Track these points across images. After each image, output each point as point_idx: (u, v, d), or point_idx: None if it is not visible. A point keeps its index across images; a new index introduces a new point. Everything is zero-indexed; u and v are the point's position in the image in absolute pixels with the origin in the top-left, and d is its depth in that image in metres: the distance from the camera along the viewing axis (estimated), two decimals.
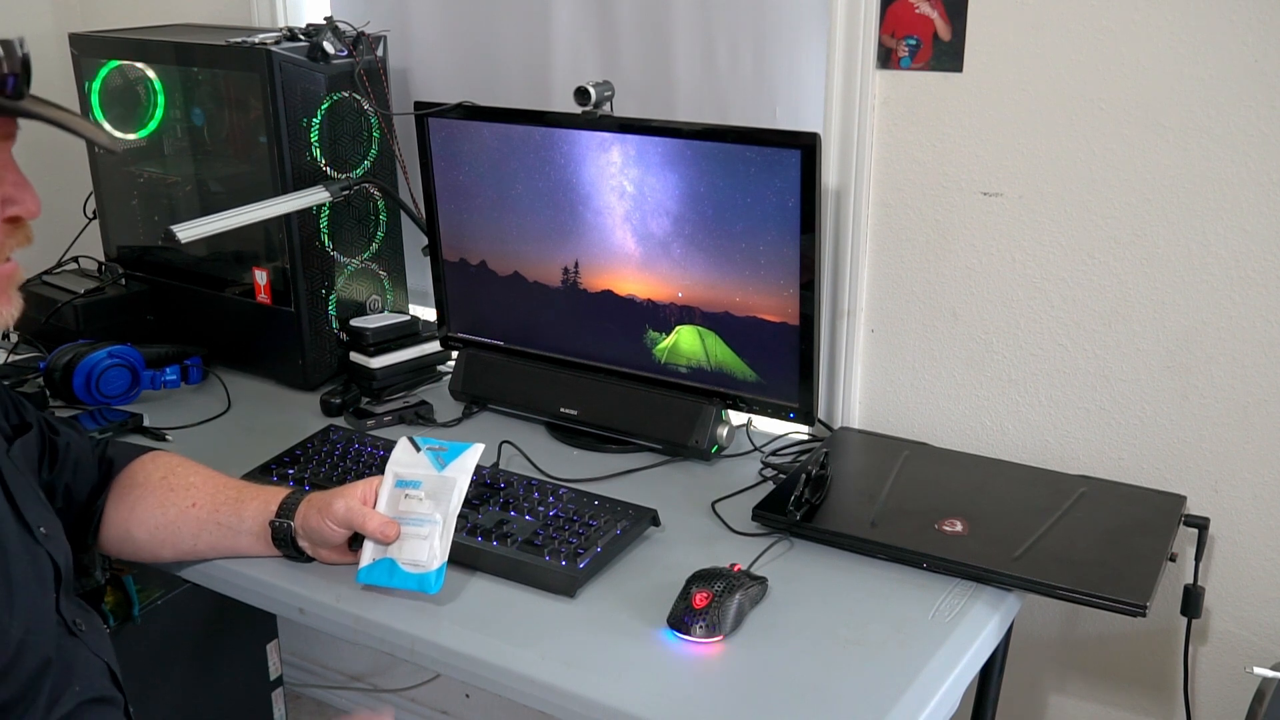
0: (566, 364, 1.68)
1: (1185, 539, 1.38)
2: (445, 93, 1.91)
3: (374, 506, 1.21)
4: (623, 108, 1.60)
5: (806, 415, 1.52)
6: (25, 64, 0.98)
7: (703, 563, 1.24)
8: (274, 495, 1.27)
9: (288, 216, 1.73)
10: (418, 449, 1.23)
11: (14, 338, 1.98)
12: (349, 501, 1.20)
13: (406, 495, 1.21)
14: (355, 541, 1.24)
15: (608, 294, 1.62)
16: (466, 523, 1.32)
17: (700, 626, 1.15)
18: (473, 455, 1.22)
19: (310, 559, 1.27)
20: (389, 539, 1.19)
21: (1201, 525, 1.37)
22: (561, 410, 1.66)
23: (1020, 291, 1.51)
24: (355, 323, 1.83)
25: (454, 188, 1.70)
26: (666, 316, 1.59)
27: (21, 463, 1.15)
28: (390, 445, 1.41)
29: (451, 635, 1.18)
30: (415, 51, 1.96)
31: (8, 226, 1.04)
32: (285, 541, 1.25)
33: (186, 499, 1.27)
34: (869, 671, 1.11)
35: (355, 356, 1.81)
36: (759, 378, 1.54)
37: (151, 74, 1.91)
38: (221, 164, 1.90)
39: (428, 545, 1.17)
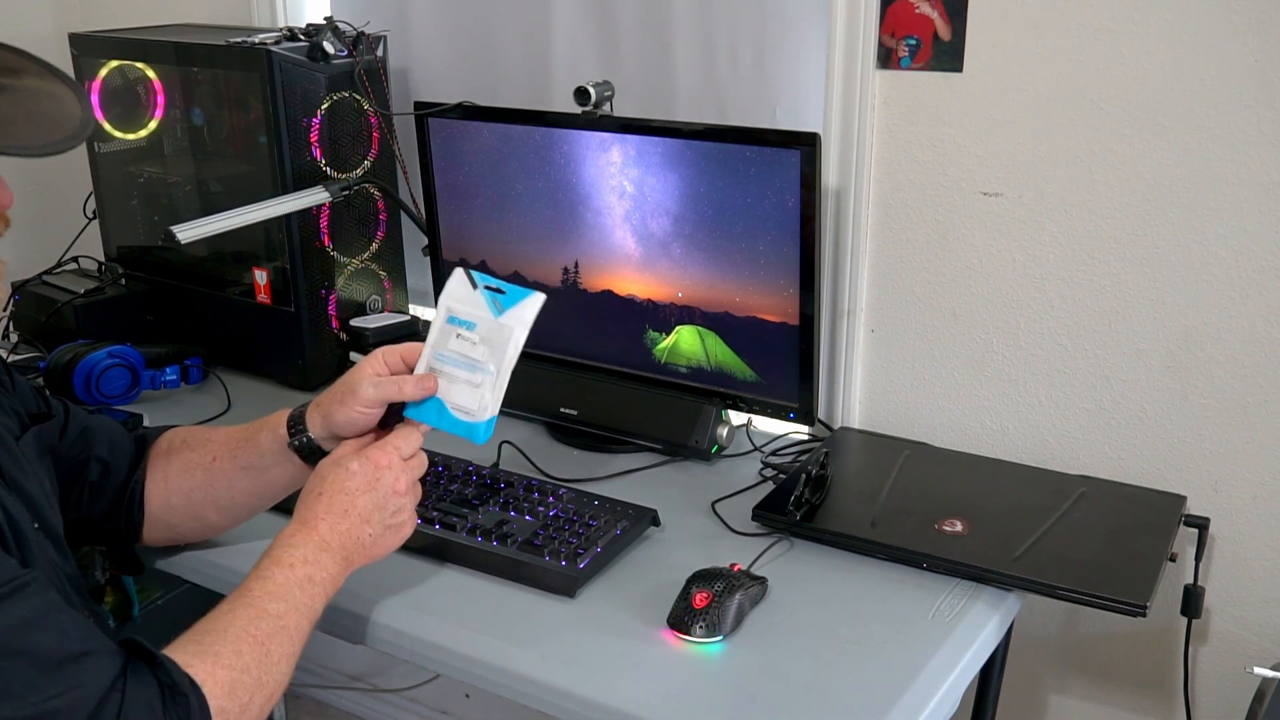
0: (566, 364, 1.68)
1: (1185, 539, 1.38)
2: (445, 93, 1.90)
3: (412, 362, 1.16)
4: (623, 108, 1.60)
5: (806, 415, 1.52)
6: None
7: (703, 563, 1.24)
8: (278, 420, 1.23)
9: (288, 216, 1.73)
10: (474, 285, 1.14)
11: (14, 338, 1.98)
12: (371, 379, 1.15)
13: (459, 335, 1.13)
14: (387, 418, 1.17)
15: (608, 294, 1.62)
16: (466, 523, 1.32)
17: (700, 626, 1.15)
18: (532, 305, 1.13)
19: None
20: (431, 393, 1.14)
21: (1201, 525, 1.37)
22: (561, 410, 1.66)
23: (1020, 291, 1.51)
24: (355, 323, 1.83)
25: (454, 188, 1.70)
26: (666, 316, 1.58)
27: (31, 451, 1.16)
28: None
29: (451, 635, 1.18)
30: (415, 51, 1.96)
31: None
32: (314, 455, 1.20)
33: (207, 455, 1.26)
34: (869, 671, 1.11)
35: (355, 357, 1.81)
36: (759, 378, 1.54)
37: (151, 74, 1.91)
38: (221, 164, 1.90)
39: (478, 394, 1.11)
